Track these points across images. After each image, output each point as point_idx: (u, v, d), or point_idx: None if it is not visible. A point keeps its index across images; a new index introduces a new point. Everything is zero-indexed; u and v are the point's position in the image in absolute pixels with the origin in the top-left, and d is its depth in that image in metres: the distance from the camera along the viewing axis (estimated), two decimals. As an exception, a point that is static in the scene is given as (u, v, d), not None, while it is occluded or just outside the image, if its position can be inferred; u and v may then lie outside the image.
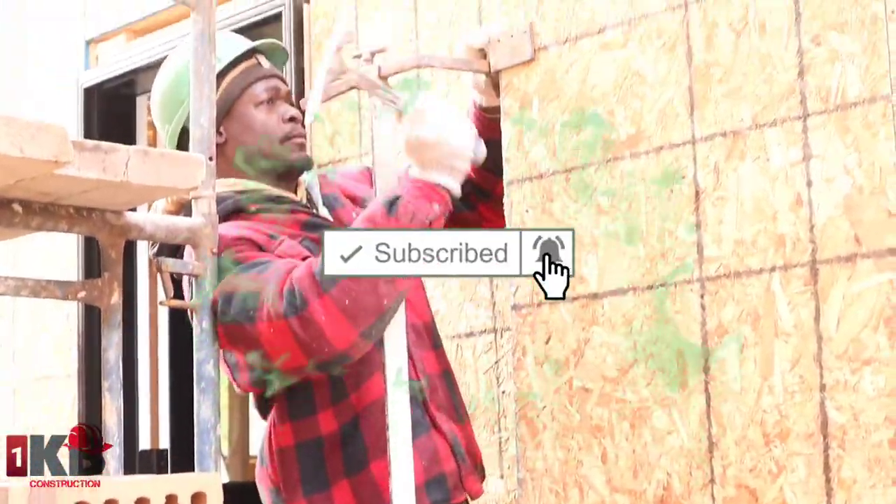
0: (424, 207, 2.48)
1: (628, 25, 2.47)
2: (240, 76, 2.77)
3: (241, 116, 2.76)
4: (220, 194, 2.61)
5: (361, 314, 2.41)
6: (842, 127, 2.20)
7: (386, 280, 2.40)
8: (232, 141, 2.76)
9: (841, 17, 2.21)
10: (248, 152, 2.75)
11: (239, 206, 2.69)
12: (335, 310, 2.39)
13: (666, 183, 2.40)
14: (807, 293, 2.22)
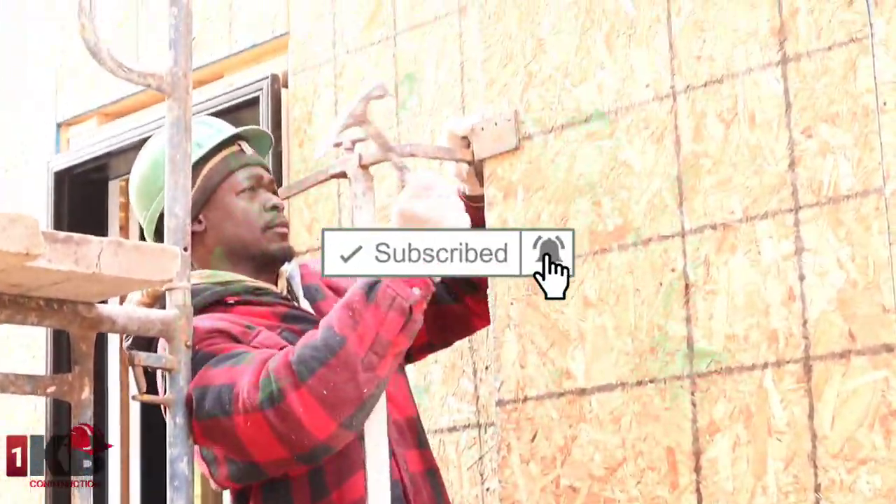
0: (404, 291, 2.38)
1: (615, 115, 2.44)
2: (221, 163, 2.71)
3: (222, 205, 2.70)
4: (196, 286, 2.56)
5: (340, 404, 2.33)
6: (834, 220, 2.17)
7: (365, 367, 2.34)
8: (212, 230, 2.70)
9: (832, 109, 2.18)
10: (228, 242, 2.69)
11: (217, 299, 2.62)
12: (313, 401, 2.32)
13: (655, 276, 2.36)
14: (800, 390, 2.18)
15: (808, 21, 2.22)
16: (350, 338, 2.34)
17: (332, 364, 2.32)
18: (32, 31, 4.84)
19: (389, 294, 2.37)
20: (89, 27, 2.35)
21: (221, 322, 2.54)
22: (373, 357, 2.34)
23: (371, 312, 2.36)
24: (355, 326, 2.35)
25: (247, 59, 3.99)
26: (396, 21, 3.45)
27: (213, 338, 2.49)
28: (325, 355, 2.33)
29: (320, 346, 2.34)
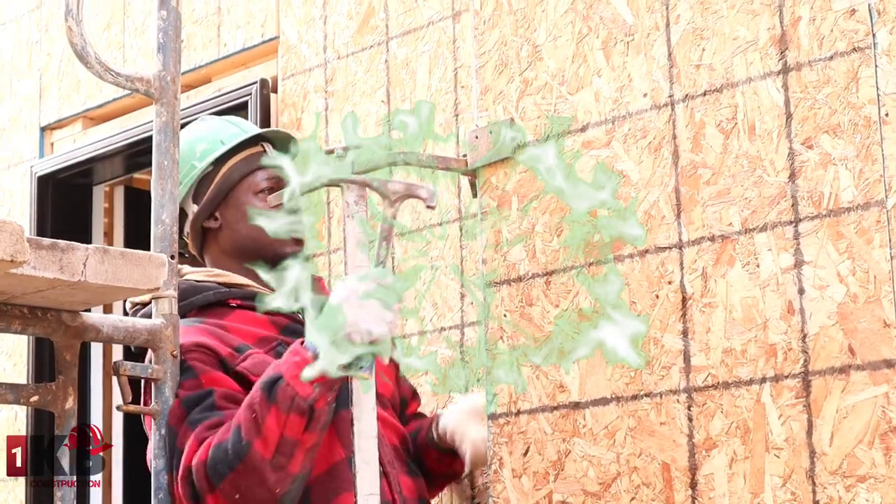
0: (304, 390, 2.37)
1: (612, 124, 2.40)
2: (241, 162, 2.74)
3: (239, 203, 2.73)
4: (201, 283, 2.61)
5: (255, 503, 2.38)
6: (835, 233, 2.13)
7: (274, 468, 2.37)
8: (227, 228, 2.73)
9: (833, 120, 2.15)
10: (241, 241, 2.72)
11: (220, 299, 2.64)
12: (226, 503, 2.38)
13: (651, 288, 2.32)
14: (799, 405, 2.15)
15: (809, 30, 2.18)
16: (255, 442, 2.36)
17: (240, 469, 2.36)
18: (16, 33, 4.79)
19: (289, 394, 2.36)
20: (76, 30, 2.31)
21: (211, 339, 2.55)
22: (280, 458, 2.37)
23: (273, 415, 2.36)
24: (259, 430, 2.37)
25: (235, 62, 3.96)
26: (389, 26, 3.42)
27: (197, 352, 2.51)
28: (232, 461, 2.37)
29: (229, 450, 2.38)
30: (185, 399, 2.47)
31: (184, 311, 2.59)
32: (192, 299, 2.65)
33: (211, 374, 2.51)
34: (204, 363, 2.51)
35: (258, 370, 2.51)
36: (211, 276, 2.69)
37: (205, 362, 2.52)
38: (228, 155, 2.75)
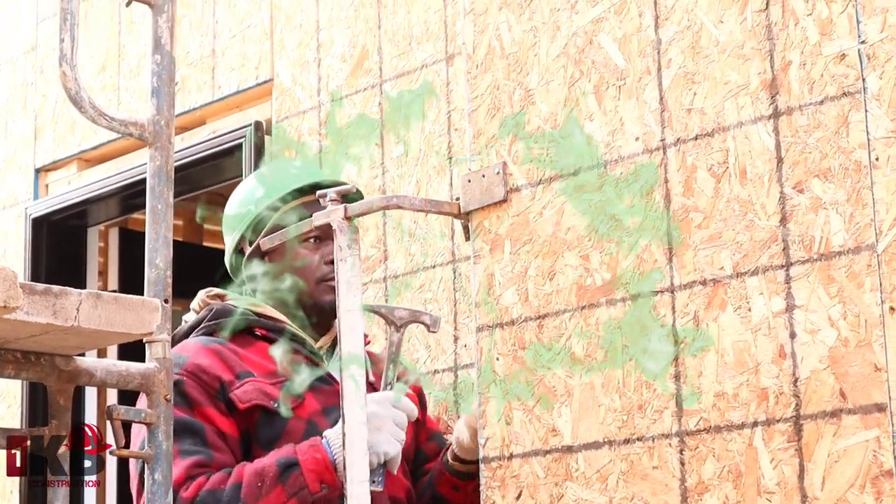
0: (313, 485, 2.52)
1: (604, 167, 2.41)
2: (293, 210, 2.81)
3: (286, 250, 2.82)
4: (235, 306, 2.75)
5: None
6: (826, 277, 2.14)
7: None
8: (272, 272, 2.85)
9: (824, 164, 2.15)
10: (284, 286, 2.83)
11: (247, 326, 2.77)
12: None
13: (644, 330, 2.33)
14: (790, 449, 2.15)
15: (800, 74, 2.19)
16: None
17: None
18: (11, 74, 4.81)
19: (299, 483, 2.51)
20: (70, 75, 2.31)
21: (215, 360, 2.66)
22: None
23: (277, 492, 2.50)
24: (258, 498, 2.50)
25: (230, 105, 3.97)
26: (382, 69, 3.43)
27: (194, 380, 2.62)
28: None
29: (223, 500, 2.51)
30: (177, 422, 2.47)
31: (211, 330, 2.75)
32: (220, 321, 2.78)
33: (203, 409, 2.61)
34: (199, 393, 2.62)
35: (247, 398, 2.63)
36: (250, 304, 2.82)
37: (200, 392, 2.62)
38: (288, 198, 2.84)
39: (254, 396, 2.65)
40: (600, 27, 2.45)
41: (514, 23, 2.57)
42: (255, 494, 2.50)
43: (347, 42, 3.53)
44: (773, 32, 2.23)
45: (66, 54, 2.32)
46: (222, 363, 2.67)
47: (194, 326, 2.82)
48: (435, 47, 3.32)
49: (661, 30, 2.37)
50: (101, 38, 4.42)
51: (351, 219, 2.50)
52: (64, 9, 2.23)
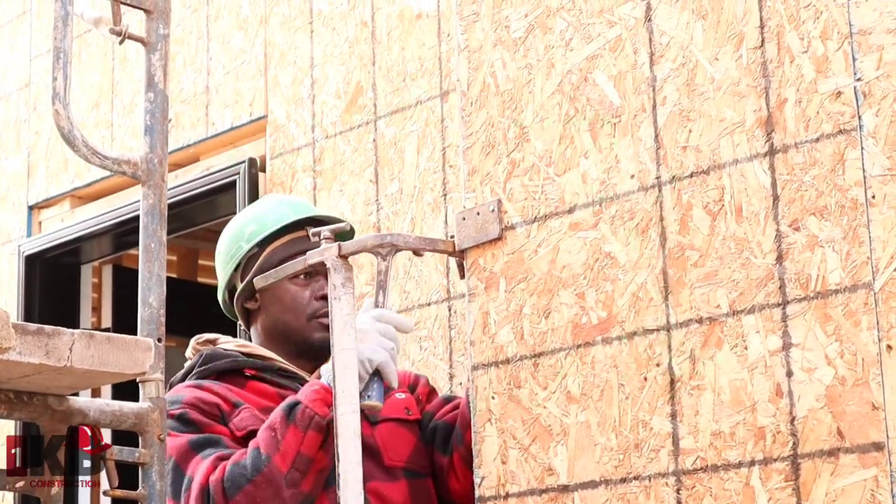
0: (322, 410, 2.54)
1: (599, 205, 2.41)
2: (282, 247, 2.83)
3: (275, 289, 2.84)
4: (224, 351, 2.80)
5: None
6: (822, 315, 2.13)
7: (288, 484, 2.53)
8: (264, 309, 2.87)
9: (820, 202, 2.15)
10: (274, 324, 2.85)
11: (235, 367, 2.79)
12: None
13: (639, 371, 2.32)
14: (788, 488, 2.14)
15: (795, 112, 2.19)
16: (273, 457, 2.54)
17: (258, 481, 2.53)
18: (4, 111, 4.81)
19: (308, 414, 2.56)
20: (63, 113, 2.30)
21: (213, 395, 2.71)
22: (295, 474, 2.53)
23: (291, 432, 2.54)
24: (278, 446, 2.55)
25: (224, 142, 3.97)
26: (377, 105, 3.43)
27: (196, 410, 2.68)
28: (251, 473, 2.54)
29: (247, 465, 2.55)
30: (193, 441, 2.62)
31: (204, 374, 2.79)
32: (210, 365, 2.81)
33: (215, 427, 2.67)
34: (206, 417, 2.67)
35: (244, 424, 2.68)
36: (239, 346, 2.85)
37: (207, 416, 2.68)
38: (272, 238, 2.84)
39: (250, 423, 2.69)
40: (595, 64, 2.45)
41: (509, 60, 2.57)
42: (274, 445, 2.54)
43: (342, 79, 3.53)
44: (768, 70, 2.23)
45: (60, 93, 2.31)
46: (218, 396, 2.72)
47: (187, 373, 2.86)
48: (429, 84, 3.32)
49: (657, 67, 2.37)
50: (95, 75, 4.42)
51: (345, 257, 2.49)
52: (57, 47, 2.23)
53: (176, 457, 2.60)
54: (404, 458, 2.76)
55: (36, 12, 4.74)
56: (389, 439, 2.76)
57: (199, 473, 2.58)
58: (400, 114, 3.37)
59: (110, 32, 2.32)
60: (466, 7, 2.65)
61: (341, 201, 3.45)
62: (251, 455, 2.56)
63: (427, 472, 2.78)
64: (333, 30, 3.58)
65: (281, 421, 2.57)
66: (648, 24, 2.39)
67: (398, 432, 2.78)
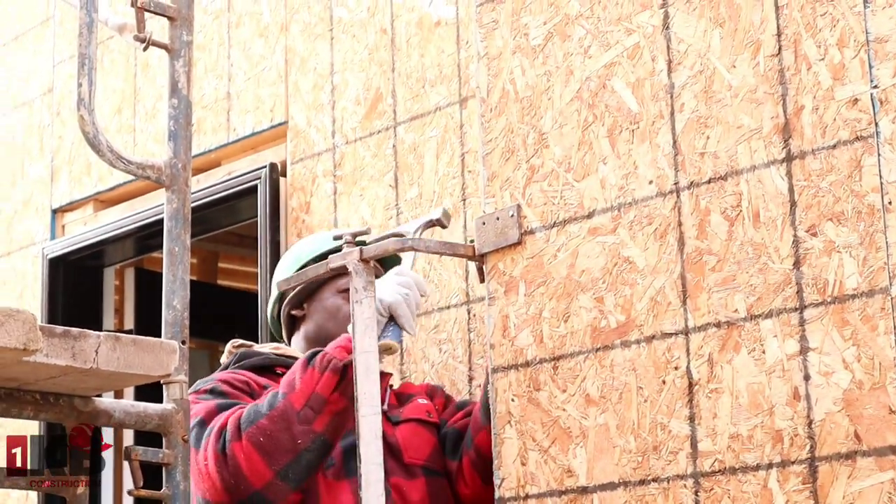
0: (340, 354, 2.67)
1: (618, 210, 2.42)
2: (312, 269, 2.88)
3: (323, 299, 3.02)
4: (258, 350, 2.97)
5: (276, 452, 2.64)
6: (840, 319, 2.14)
7: (301, 420, 2.65)
8: (309, 318, 3.04)
9: (837, 208, 2.17)
10: (317, 331, 3.00)
11: (265, 364, 2.93)
12: (251, 449, 2.63)
13: (658, 374, 2.33)
14: (805, 491, 2.15)
15: (812, 119, 2.21)
16: (289, 395, 2.67)
17: (272, 415, 2.65)
18: (28, 116, 4.84)
19: (326, 358, 2.69)
20: (88, 119, 2.33)
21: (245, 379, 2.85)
22: (308, 412, 2.66)
23: (308, 374, 2.68)
24: (293, 386, 2.68)
25: (245, 147, 3.99)
26: (396, 111, 3.45)
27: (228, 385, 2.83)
28: (265, 409, 2.67)
29: (264, 402, 2.69)
30: (221, 404, 2.76)
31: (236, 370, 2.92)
32: (244, 362, 2.95)
33: (243, 398, 2.80)
34: (236, 390, 2.81)
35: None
36: (272, 348, 3.00)
37: (237, 389, 2.81)
38: (325, 255, 2.93)
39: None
40: (613, 71, 2.47)
41: (528, 67, 2.59)
42: (290, 385, 2.68)
43: (361, 85, 3.56)
44: (785, 77, 2.25)
45: (84, 98, 2.34)
46: (249, 378, 2.87)
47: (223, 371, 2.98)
48: (448, 90, 3.34)
49: (674, 74, 2.39)
50: (118, 80, 4.45)
51: (367, 261, 2.52)
52: (82, 54, 2.25)
53: (204, 415, 2.73)
54: (423, 457, 2.81)
55: (59, 19, 4.77)
56: (410, 438, 2.81)
57: (219, 420, 2.70)
58: (419, 120, 3.39)
59: (134, 39, 2.33)
60: (486, 15, 2.67)
61: (361, 206, 3.47)
62: (269, 395, 2.70)
63: (444, 472, 2.82)
64: (353, 37, 3.61)
65: (301, 365, 2.70)
66: (666, 31, 2.41)
67: (418, 432, 2.83)
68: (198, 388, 2.81)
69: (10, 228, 4.81)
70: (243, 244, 6.03)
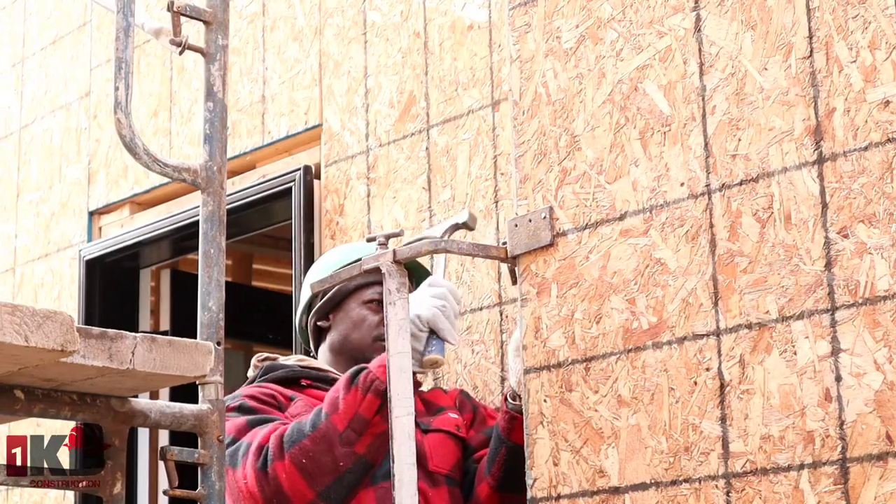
0: (384, 375, 2.65)
1: (650, 212, 2.43)
2: (360, 276, 2.92)
3: (348, 310, 3.04)
4: (283, 363, 2.99)
5: (318, 474, 2.66)
6: (871, 321, 2.15)
7: (343, 442, 2.65)
8: (334, 329, 3.06)
9: (869, 210, 2.17)
10: (341, 342, 3.03)
11: (291, 377, 2.95)
12: (294, 469, 2.65)
13: (689, 375, 2.34)
14: (837, 492, 2.15)
15: (844, 121, 2.21)
16: (332, 416, 2.68)
17: (314, 436, 2.67)
18: (65, 119, 4.87)
19: (370, 379, 2.70)
20: (125, 122, 2.35)
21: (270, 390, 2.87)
22: (351, 434, 2.67)
23: (351, 394, 2.68)
24: (336, 407, 2.68)
25: (279, 149, 4.01)
26: (430, 114, 3.47)
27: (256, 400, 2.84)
28: (308, 429, 2.68)
29: (307, 422, 2.70)
30: (252, 420, 2.77)
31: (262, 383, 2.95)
32: (269, 375, 2.97)
33: (272, 412, 2.83)
34: (263, 405, 2.83)
35: (297, 411, 2.83)
36: (297, 360, 3.03)
37: (264, 404, 2.83)
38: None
39: (304, 410, 2.84)
40: (645, 74, 2.48)
41: (560, 70, 2.60)
42: (334, 405, 2.68)
43: (395, 88, 3.58)
44: (817, 79, 2.25)
45: (121, 102, 2.36)
46: (274, 391, 2.89)
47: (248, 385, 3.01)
48: (481, 93, 3.35)
49: (706, 77, 2.40)
50: (154, 84, 4.48)
51: (400, 263, 2.54)
52: (119, 58, 2.28)
53: (234, 433, 2.74)
54: (448, 466, 2.84)
55: (96, 23, 4.80)
56: (437, 447, 2.83)
57: (257, 438, 2.71)
58: (452, 122, 3.40)
59: (170, 43, 2.35)
60: (518, 18, 2.68)
61: (394, 208, 3.49)
62: (313, 414, 2.70)
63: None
64: (387, 40, 3.62)
65: (345, 384, 2.70)
66: (698, 34, 2.42)
67: (446, 443, 2.87)
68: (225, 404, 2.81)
69: (48, 231, 4.85)
70: (278, 246, 6.06)
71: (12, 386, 2.09)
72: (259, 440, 2.71)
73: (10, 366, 1.97)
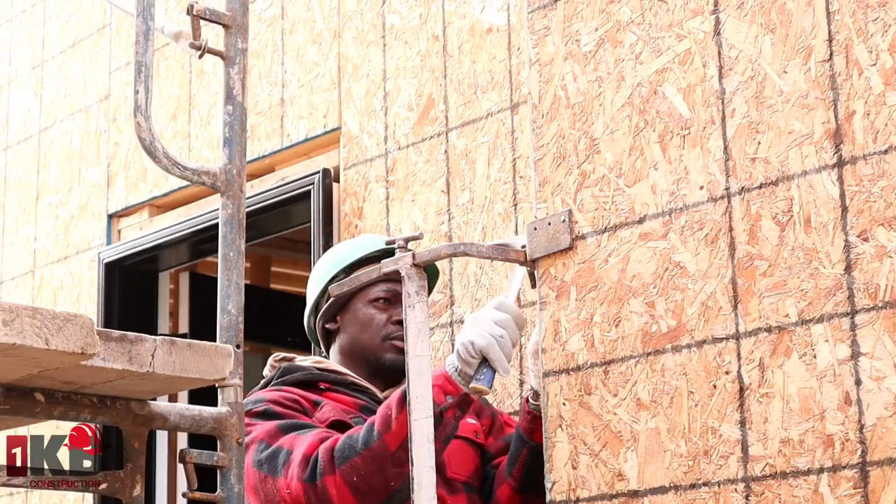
0: (438, 397, 2.62)
1: (669, 216, 2.43)
2: (365, 274, 2.88)
3: (356, 310, 3.01)
4: (298, 365, 2.96)
5: (369, 493, 2.63)
6: (891, 324, 2.14)
7: (394, 463, 2.61)
8: (343, 330, 3.04)
9: (889, 213, 2.16)
10: (350, 343, 3.01)
11: (309, 380, 2.93)
12: (344, 486, 2.62)
13: (709, 378, 2.34)
14: (857, 496, 2.15)
15: (864, 124, 2.21)
16: (385, 435, 2.63)
17: (365, 455, 2.63)
18: (84, 122, 4.89)
19: None
20: (145, 125, 2.36)
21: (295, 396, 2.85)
22: (402, 454, 2.60)
23: (405, 414, 2.57)
24: (389, 426, 2.63)
25: (298, 152, 4.02)
26: (448, 117, 3.47)
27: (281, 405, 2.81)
28: (360, 447, 2.64)
29: (359, 438, 2.65)
30: (281, 424, 2.75)
31: (280, 386, 2.93)
32: (288, 377, 2.95)
33: (299, 417, 2.80)
34: (291, 410, 2.81)
35: (326, 416, 2.82)
36: (314, 362, 2.99)
37: (289, 409, 2.81)
38: (358, 264, 2.99)
39: (333, 415, 2.83)
40: (664, 77, 2.48)
41: (580, 73, 2.60)
42: (387, 424, 2.63)
43: (414, 91, 3.58)
44: (836, 82, 2.25)
45: (141, 105, 2.37)
46: (298, 395, 2.87)
47: (265, 386, 2.99)
48: (500, 96, 3.36)
49: (725, 80, 2.39)
50: (173, 87, 4.49)
51: (419, 266, 2.54)
52: (138, 61, 2.28)
53: (267, 439, 2.73)
54: (466, 473, 2.85)
55: (115, 26, 4.82)
56: (455, 454, 2.84)
57: (300, 445, 2.68)
58: (471, 125, 3.41)
59: (190, 46, 2.36)
60: (537, 21, 2.68)
61: (413, 211, 3.49)
62: (365, 430, 2.66)
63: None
64: (406, 44, 3.63)
65: (398, 403, 2.65)
66: (717, 37, 2.41)
67: (464, 449, 2.87)
68: (248, 409, 2.79)
69: (67, 233, 4.87)
70: (296, 249, 6.07)
71: (32, 389, 2.09)
72: (304, 450, 2.69)
73: (30, 368, 1.98)
